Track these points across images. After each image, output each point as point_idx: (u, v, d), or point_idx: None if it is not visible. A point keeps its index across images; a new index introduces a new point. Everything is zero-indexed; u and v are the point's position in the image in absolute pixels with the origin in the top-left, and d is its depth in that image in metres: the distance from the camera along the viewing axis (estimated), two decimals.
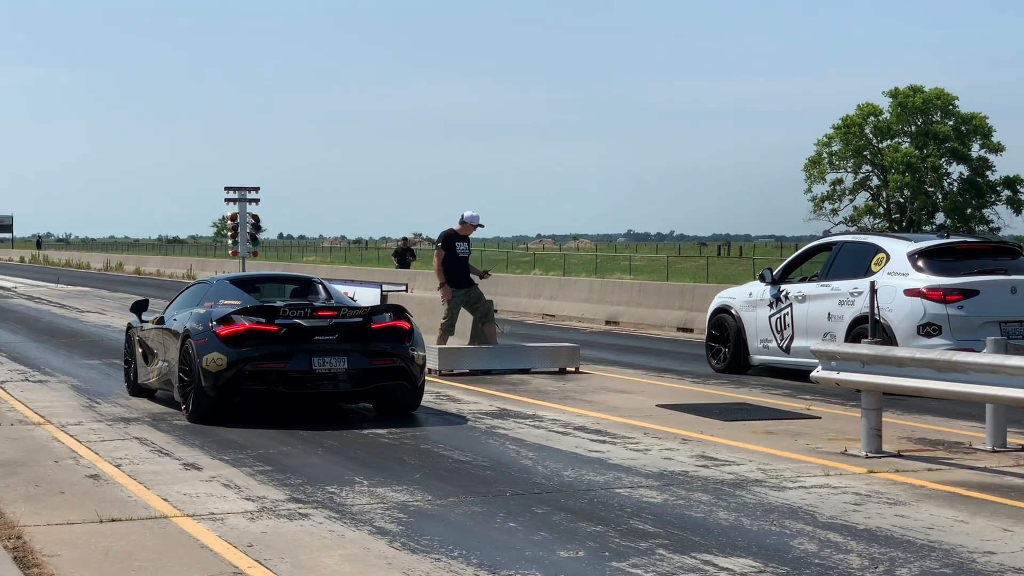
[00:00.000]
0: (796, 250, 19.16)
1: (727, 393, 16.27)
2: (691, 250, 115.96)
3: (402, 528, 8.59)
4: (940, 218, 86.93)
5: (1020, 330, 15.59)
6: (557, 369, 18.88)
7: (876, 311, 14.09)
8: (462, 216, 19.11)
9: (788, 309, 17.59)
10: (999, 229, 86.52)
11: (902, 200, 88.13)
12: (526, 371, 18.75)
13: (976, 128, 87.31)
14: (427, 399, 14.94)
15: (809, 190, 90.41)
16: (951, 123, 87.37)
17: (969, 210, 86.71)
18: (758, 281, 18.54)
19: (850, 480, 10.29)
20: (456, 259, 18.86)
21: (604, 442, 12.24)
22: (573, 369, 18.88)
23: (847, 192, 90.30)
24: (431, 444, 12.21)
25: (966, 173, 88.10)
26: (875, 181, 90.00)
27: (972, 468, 10.88)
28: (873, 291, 13.18)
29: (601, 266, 63.17)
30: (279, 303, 14.03)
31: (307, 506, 9.30)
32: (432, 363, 17.88)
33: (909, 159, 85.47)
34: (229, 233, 36.54)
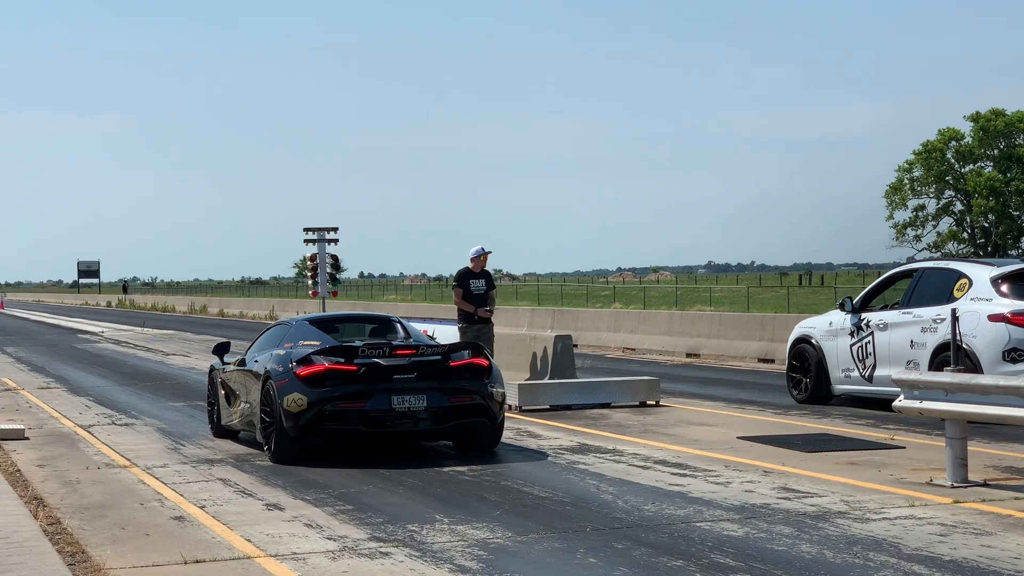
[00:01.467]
0: (878, 277, 18.95)
1: (809, 424, 16.12)
2: (772, 280, 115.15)
3: (482, 565, 8.60)
4: None
5: None
6: (637, 403, 18.82)
7: (959, 338, 13.90)
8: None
9: (869, 338, 17.41)
10: None
11: (986, 225, 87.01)
12: (606, 405, 18.72)
13: None
14: (507, 435, 14.96)
15: (891, 216, 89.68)
16: None
17: None
18: (838, 310, 18.38)
19: (935, 511, 10.15)
20: (472, 296, 19.00)
21: (685, 475, 12.18)
22: (653, 402, 18.81)
23: (930, 218, 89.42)
24: (511, 480, 12.22)
25: None
26: (958, 206, 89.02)
27: None
28: (955, 317, 13.00)
29: (681, 298, 62.91)
30: (358, 343, 14.13)
31: (388, 544, 9.34)
32: (512, 399, 17.90)
33: (992, 183, 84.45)
34: (309, 274, 36.83)
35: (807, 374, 18.62)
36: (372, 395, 13.37)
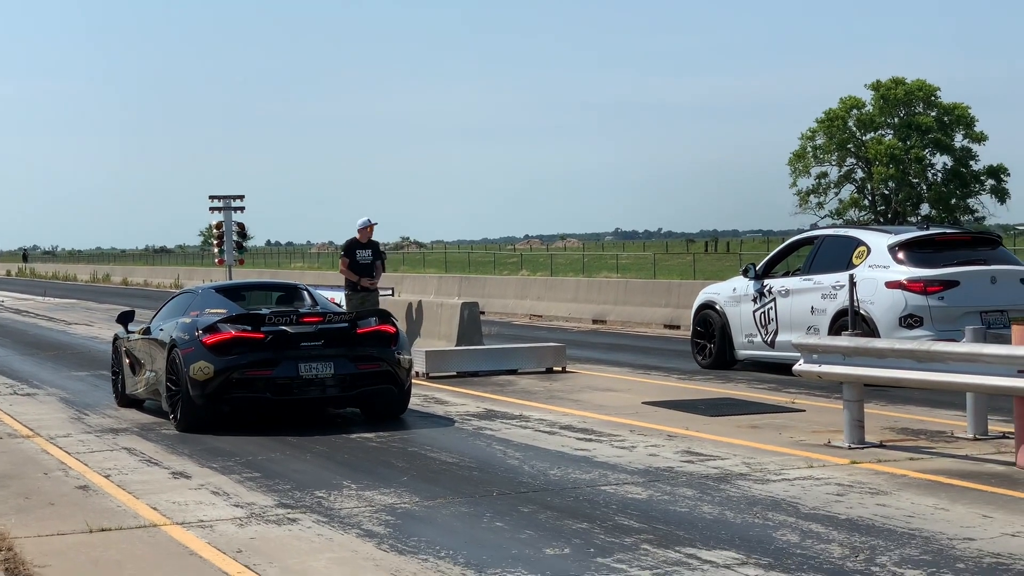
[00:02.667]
0: (781, 245, 19.27)
1: (712, 388, 16.38)
2: (678, 247, 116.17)
3: (390, 530, 8.68)
4: (925, 209, 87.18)
5: (1000, 319, 15.70)
6: (544, 369, 18.98)
7: (857, 304, 14.22)
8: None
9: (772, 304, 17.70)
10: (984, 218, 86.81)
11: (887, 192, 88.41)
12: (513, 372, 18.86)
13: (959, 118, 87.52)
14: (414, 402, 15.03)
15: (794, 184, 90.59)
16: (934, 114, 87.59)
17: (954, 200, 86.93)
18: (742, 276, 18.67)
19: (833, 471, 10.40)
20: (358, 266, 19.65)
21: (590, 440, 12.34)
22: (560, 369, 18.99)
23: (832, 185, 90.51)
24: (418, 447, 12.30)
25: (950, 164, 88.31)
26: (859, 174, 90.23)
27: (953, 456, 11.00)
28: (852, 283, 13.29)
29: (588, 265, 63.29)
30: (265, 310, 14.11)
31: (295, 511, 9.38)
32: (419, 366, 17.97)
33: (893, 151, 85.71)
34: (215, 242, 36.52)
35: (711, 340, 18.89)
36: (279, 362, 13.36)
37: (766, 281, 18.01)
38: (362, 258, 19.71)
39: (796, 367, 12.38)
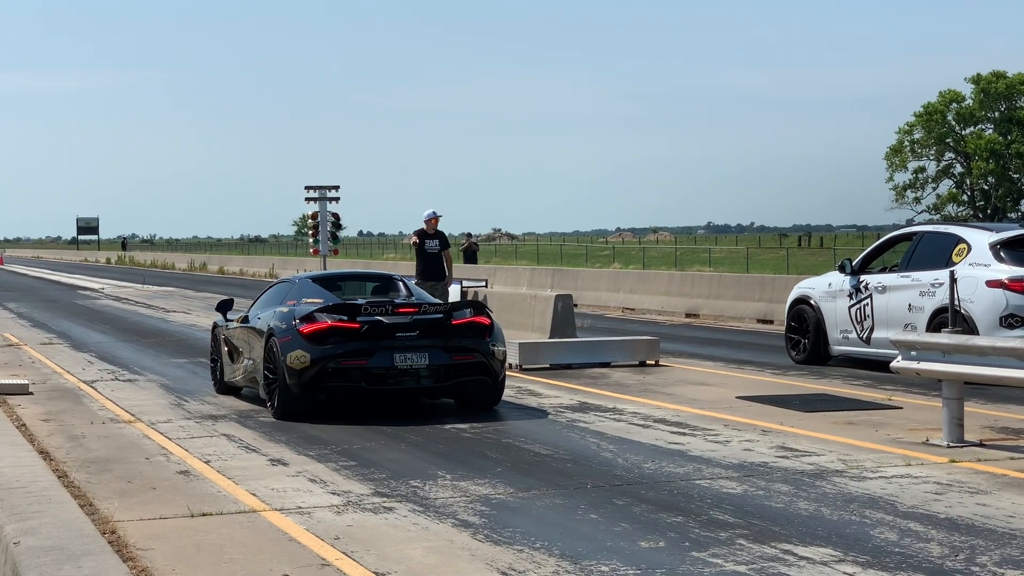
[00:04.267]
0: (877, 240, 19.05)
1: (807, 384, 16.25)
2: (771, 241, 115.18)
3: (485, 520, 8.73)
4: None
5: None
6: (637, 362, 18.95)
7: (957, 302, 14.02)
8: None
9: (868, 300, 17.52)
10: None
11: (986, 187, 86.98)
12: (606, 365, 18.85)
13: None
14: (508, 394, 15.09)
15: (891, 179, 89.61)
16: None
17: None
18: (837, 271, 18.48)
19: (931, 470, 10.28)
20: (425, 255, 20.59)
21: (684, 434, 12.31)
22: (653, 362, 18.94)
23: (930, 180, 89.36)
24: (512, 438, 12.35)
25: None
26: (958, 169, 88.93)
27: None
28: (953, 281, 13.11)
29: (681, 259, 63.03)
30: (361, 300, 14.23)
31: (391, 500, 9.48)
32: (513, 358, 18.02)
33: (993, 146, 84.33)
34: (310, 232, 36.81)
35: (805, 335, 18.74)
36: (375, 352, 13.49)
37: (862, 277, 17.82)
38: (430, 247, 20.61)
39: (895, 364, 12.24)
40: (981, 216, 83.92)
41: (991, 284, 15.72)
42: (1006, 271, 15.78)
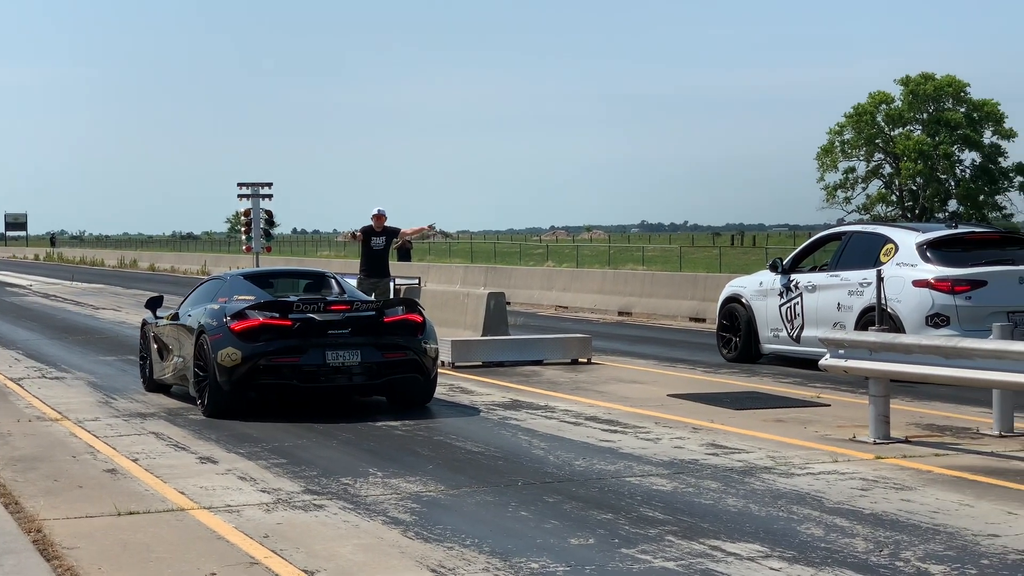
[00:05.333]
0: (808, 239, 19.24)
1: (738, 382, 16.39)
2: (704, 240, 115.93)
3: (415, 518, 8.73)
4: (953, 205, 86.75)
5: None
6: (569, 360, 19.00)
7: (884, 301, 14.20)
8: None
9: (798, 298, 17.68)
10: (1012, 216, 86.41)
11: (915, 188, 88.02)
12: (539, 362, 18.89)
13: (988, 115, 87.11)
14: (440, 391, 15.08)
15: (822, 179, 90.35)
16: (963, 110, 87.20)
17: (982, 197, 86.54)
18: (769, 270, 18.64)
19: (858, 466, 10.41)
20: (370, 252, 20.37)
21: (615, 432, 12.37)
22: (585, 360, 19.01)
23: (860, 180, 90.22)
24: (444, 435, 12.35)
25: (978, 160, 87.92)
26: (887, 169, 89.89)
27: (979, 453, 10.99)
28: (880, 280, 13.27)
29: (614, 257, 63.27)
30: (292, 298, 14.17)
31: (322, 497, 9.45)
32: (445, 355, 18.01)
33: (921, 147, 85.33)
34: (243, 229, 36.62)
35: (737, 333, 18.88)
36: (306, 350, 13.43)
37: (793, 276, 17.98)
38: (375, 244, 20.40)
39: (823, 361, 12.38)
40: (909, 216, 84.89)
41: (917, 284, 15.92)
42: (932, 271, 15.98)
